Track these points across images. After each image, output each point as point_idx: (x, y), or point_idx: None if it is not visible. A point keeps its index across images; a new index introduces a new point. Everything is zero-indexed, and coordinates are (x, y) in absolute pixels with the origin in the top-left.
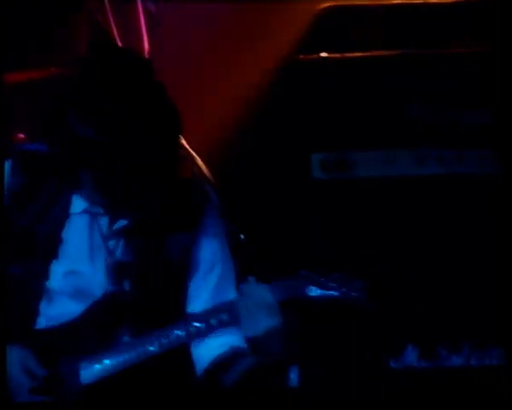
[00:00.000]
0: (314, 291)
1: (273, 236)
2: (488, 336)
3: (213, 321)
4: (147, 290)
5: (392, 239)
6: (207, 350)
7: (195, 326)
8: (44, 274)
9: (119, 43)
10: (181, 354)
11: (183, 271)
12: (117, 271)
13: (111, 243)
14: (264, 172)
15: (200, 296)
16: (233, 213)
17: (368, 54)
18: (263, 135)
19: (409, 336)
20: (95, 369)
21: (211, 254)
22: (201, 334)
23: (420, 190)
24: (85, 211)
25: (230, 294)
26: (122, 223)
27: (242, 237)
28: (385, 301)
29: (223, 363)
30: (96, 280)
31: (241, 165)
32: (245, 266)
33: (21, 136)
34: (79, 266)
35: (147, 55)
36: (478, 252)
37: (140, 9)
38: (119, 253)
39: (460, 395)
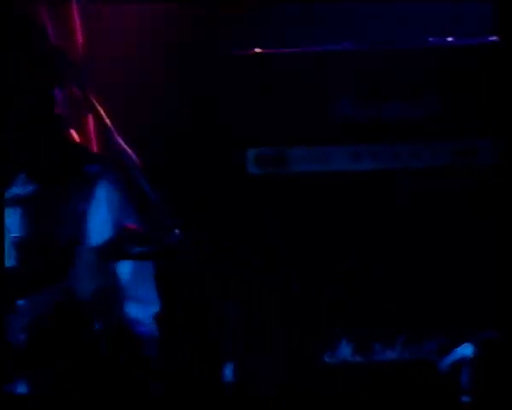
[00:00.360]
0: (133, 248)
1: (208, 231)
2: (422, 330)
3: (57, 289)
4: (40, 263)
5: (325, 234)
6: None
7: (46, 295)
8: None
9: (53, 37)
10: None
11: (73, 242)
12: (14, 247)
13: (8, 220)
14: (200, 167)
15: None
16: (168, 207)
17: (302, 49)
18: (198, 130)
19: (343, 330)
20: None
21: (100, 227)
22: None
23: (355, 185)
24: None
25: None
26: (13, 192)
27: (177, 231)
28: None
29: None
30: None
31: (178, 160)
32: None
33: None
34: None
35: (80, 51)
36: (412, 246)
37: (74, 5)
38: (14, 228)
39: (393, 389)
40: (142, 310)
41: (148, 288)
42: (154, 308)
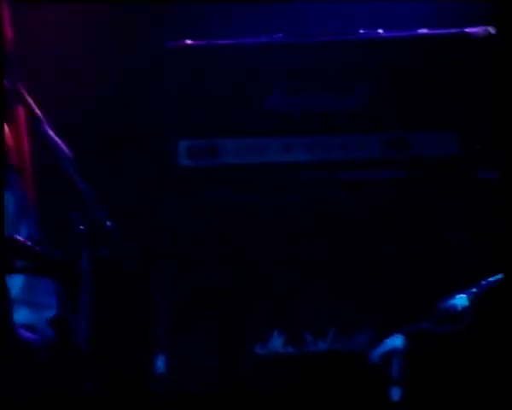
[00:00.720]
0: (19, 262)
1: (138, 224)
2: (353, 321)
3: None
4: None
5: (258, 226)
6: None
7: None
8: None
9: None
10: None
11: None
12: None
13: None
14: (131, 160)
15: None
16: (100, 200)
17: (235, 41)
18: (130, 122)
19: (275, 321)
20: None
21: None
22: None
23: (287, 177)
24: None
25: None
26: None
27: (109, 223)
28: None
29: None
30: None
31: (109, 152)
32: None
33: None
34: None
35: (9, 43)
36: (343, 236)
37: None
38: None
39: (325, 380)
40: (36, 315)
41: (43, 292)
42: (49, 313)
